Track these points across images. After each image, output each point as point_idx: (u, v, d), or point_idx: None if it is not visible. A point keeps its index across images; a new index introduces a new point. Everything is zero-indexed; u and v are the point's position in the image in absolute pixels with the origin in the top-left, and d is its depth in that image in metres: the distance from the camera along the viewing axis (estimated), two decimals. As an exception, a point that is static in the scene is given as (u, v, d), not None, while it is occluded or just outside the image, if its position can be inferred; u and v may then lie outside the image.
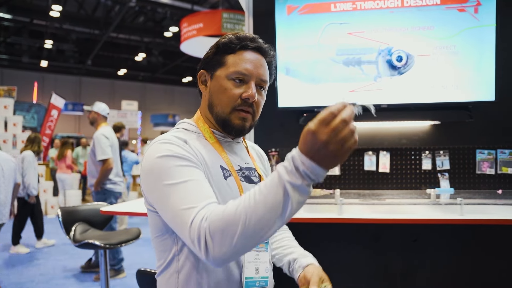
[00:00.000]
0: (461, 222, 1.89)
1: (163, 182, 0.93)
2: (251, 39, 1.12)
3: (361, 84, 2.55)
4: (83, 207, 3.05)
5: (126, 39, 16.07)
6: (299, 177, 0.77)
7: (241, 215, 0.79)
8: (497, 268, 2.16)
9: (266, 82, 1.13)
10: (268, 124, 2.81)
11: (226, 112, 1.09)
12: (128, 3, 11.68)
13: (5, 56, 17.30)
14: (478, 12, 2.38)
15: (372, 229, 2.17)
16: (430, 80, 2.47)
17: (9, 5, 12.42)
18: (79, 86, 21.16)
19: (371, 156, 2.74)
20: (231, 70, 1.08)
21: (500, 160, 2.61)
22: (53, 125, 10.42)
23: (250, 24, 2.86)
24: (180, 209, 0.88)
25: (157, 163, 0.96)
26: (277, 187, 0.78)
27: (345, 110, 0.77)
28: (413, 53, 2.47)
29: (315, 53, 2.57)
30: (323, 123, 0.75)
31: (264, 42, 1.15)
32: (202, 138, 1.12)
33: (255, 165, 1.22)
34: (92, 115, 4.25)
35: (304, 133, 0.77)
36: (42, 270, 4.49)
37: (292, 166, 0.78)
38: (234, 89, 1.08)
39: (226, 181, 1.07)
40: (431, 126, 2.70)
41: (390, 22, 2.50)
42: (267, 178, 0.82)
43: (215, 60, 1.12)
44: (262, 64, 1.12)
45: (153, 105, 22.79)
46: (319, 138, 0.75)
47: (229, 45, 1.10)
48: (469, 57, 2.42)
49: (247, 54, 1.10)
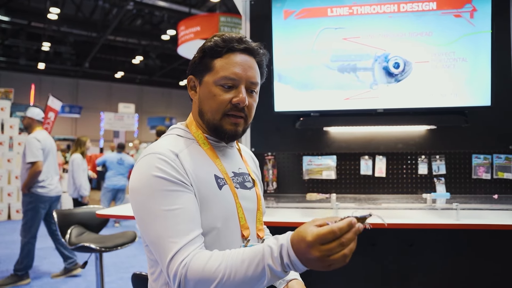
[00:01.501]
0: (457, 227, 1.89)
1: (151, 205, 0.93)
2: (238, 40, 1.06)
3: (356, 91, 2.53)
4: (79, 210, 3.04)
5: (124, 42, 16.08)
6: (280, 266, 0.80)
7: (219, 274, 0.83)
8: (493, 273, 2.16)
9: (256, 84, 1.09)
10: (264, 128, 2.81)
11: (217, 119, 1.06)
12: (125, 6, 11.68)
13: (2, 58, 17.25)
14: (473, 18, 2.39)
15: (368, 233, 2.16)
16: (428, 87, 2.46)
17: (7, 8, 12.39)
18: (76, 89, 21.10)
19: (367, 160, 2.74)
20: (219, 76, 1.04)
21: (496, 165, 2.62)
22: (50, 127, 10.37)
23: (247, 28, 2.87)
24: (163, 239, 0.90)
25: (147, 184, 0.95)
26: (258, 263, 0.82)
27: (348, 233, 0.75)
28: (410, 60, 2.46)
29: (309, 59, 2.56)
30: (321, 241, 0.75)
31: (252, 42, 1.10)
32: (196, 144, 1.10)
33: (248, 169, 1.21)
34: (27, 120, 4.22)
35: (299, 237, 0.78)
36: (38, 273, 4.45)
37: (278, 253, 0.81)
38: (224, 94, 1.04)
39: (221, 190, 1.04)
40: (427, 130, 2.70)
41: (387, 27, 2.49)
42: (256, 247, 0.85)
43: (203, 65, 1.08)
44: (251, 66, 1.07)
45: (150, 108, 22.75)
46: (311, 252, 0.75)
47: (215, 49, 1.06)
48: (466, 63, 2.43)
49: (234, 57, 1.05)
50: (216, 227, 1.01)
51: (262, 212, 1.19)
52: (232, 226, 1.06)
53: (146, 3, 12.14)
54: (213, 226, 1.00)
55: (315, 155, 2.79)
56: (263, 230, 1.18)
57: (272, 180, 2.79)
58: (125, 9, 11.95)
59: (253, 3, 2.87)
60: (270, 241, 0.83)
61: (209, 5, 12.51)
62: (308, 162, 2.78)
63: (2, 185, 7.77)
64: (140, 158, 1.01)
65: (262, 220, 1.18)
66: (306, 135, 2.82)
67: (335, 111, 2.58)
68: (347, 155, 2.79)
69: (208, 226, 0.99)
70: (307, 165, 2.78)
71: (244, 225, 1.09)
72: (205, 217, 0.99)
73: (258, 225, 1.16)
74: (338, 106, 2.56)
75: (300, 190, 2.82)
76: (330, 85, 2.55)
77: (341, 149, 2.79)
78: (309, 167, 2.77)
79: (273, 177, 2.79)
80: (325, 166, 2.75)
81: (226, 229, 1.04)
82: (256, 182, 1.21)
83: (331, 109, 2.58)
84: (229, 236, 1.04)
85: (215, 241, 1.01)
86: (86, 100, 20.73)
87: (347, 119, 2.62)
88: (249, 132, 2.82)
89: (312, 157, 2.78)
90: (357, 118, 2.61)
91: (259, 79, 1.11)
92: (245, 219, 1.09)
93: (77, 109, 18.09)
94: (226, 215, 1.04)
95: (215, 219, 1.01)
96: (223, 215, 1.03)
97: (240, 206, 1.08)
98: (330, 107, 2.57)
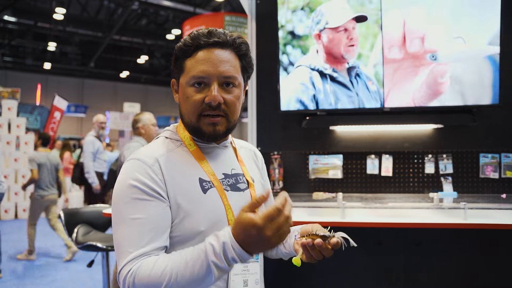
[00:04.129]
0: (464, 226, 1.88)
1: (120, 211, 0.96)
2: (205, 35, 1.01)
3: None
4: (86, 209, 3.06)
5: (129, 42, 16.13)
6: (224, 261, 0.84)
7: (165, 277, 0.85)
8: (501, 273, 2.14)
9: (233, 78, 1.02)
10: (270, 127, 2.81)
11: (193, 121, 1.02)
12: (130, 6, 11.71)
13: (9, 58, 17.38)
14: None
15: (374, 232, 2.16)
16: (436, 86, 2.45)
17: (13, 8, 12.48)
18: (81, 88, 21.22)
19: (373, 159, 2.73)
20: (189, 76, 1.01)
21: (504, 164, 2.60)
22: (56, 126, 10.45)
23: (253, 27, 2.86)
24: (121, 246, 0.93)
25: (122, 190, 0.97)
26: (202, 262, 0.84)
27: (287, 205, 0.85)
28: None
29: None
30: (270, 219, 0.81)
31: (227, 32, 1.03)
32: (183, 146, 1.07)
33: (243, 170, 1.15)
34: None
35: (247, 225, 0.82)
36: (44, 271, 4.49)
37: (220, 250, 0.84)
38: (196, 95, 1.00)
39: (206, 194, 1.01)
40: (434, 129, 2.69)
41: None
42: (199, 246, 0.87)
43: (177, 67, 1.06)
44: (222, 60, 1.00)
45: (155, 107, 22.77)
46: (264, 233, 0.81)
47: (184, 49, 1.02)
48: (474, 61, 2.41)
49: (202, 54, 1.00)
50: (200, 231, 0.98)
51: None
52: (220, 229, 1.01)
53: (151, 3, 12.16)
54: (197, 230, 0.98)
55: (321, 154, 2.79)
56: None
57: (278, 179, 2.78)
58: (130, 9, 11.99)
59: (259, 2, 2.86)
60: (210, 239, 0.86)
61: (214, 5, 12.51)
62: (314, 161, 2.77)
63: (9, 184, 7.83)
64: (126, 161, 1.02)
65: None
66: (312, 134, 2.81)
67: (342, 110, 2.58)
68: (353, 154, 2.78)
69: (192, 231, 0.98)
70: (313, 164, 2.77)
71: None
72: (188, 222, 0.98)
73: None
74: (344, 105, 2.55)
75: (306, 189, 2.81)
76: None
77: (348, 148, 2.78)
78: (315, 166, 2.77)
79: (279, 176, 2.79)
80: (331, 165, 2.75)
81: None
82: (252, 184, 1.14)
83: (337, 108, 2.57)
84: None
85: None
86: (91, 99, 20.82)
87: (353, 118, 2.61)
88: (255, 131, 2.82)
89: (319, 156, 2.78)
90: (364, 117, 2.60)
91: (237, 71, 1.04)
92: None
93: (83, 109, 18.19)
94: (213, 218, 1.00)
95: (198, 224, 0.98)
96: (209, 218, 1.00)
97: (229, 209, 1.04)
98: (336, 106, 2.57)
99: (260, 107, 2.82)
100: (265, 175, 1.30)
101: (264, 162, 1.31)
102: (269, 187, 1.31)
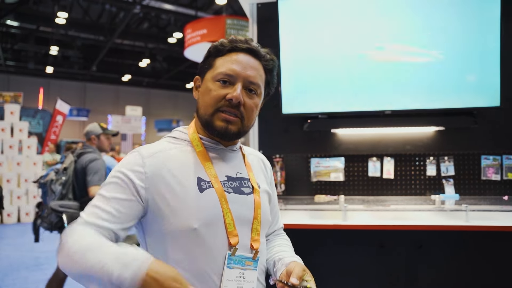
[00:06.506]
0: (466, 228, 1.88)
1: (102, 188, 1.02)
2: (242, 41, 1.07)
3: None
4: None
5: (131, 45, 16.18)
6: (109, 284, 0.84)
7: (78, 248, 0.88)
8: (503, 275, 2.14)
9: (256, 85, 1.07)
10: (272, 130, 2.82)
11: (208, 114, 1.05)
12: (132, 9, 11.77)
13: (11, 63, 17.45)
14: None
15: (376, 235, 2.16)
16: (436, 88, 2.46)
17: (16, 13, 12.55)
18: (84, 92, 21.28)
19: (375, 162, 2.74)
20: (217, 71, 1.05)
21: (506, 166, 2.60)
22: (58, 130, 10.50)
23: (254, 30, 2.88)
24: (89, 206, 0.99)
25: (112, 174, 1.03)
26: (102, 273, 0.84)
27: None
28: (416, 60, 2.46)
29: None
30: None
31: (260, 46, 1.10)
32: (188, 146, 1.09)
33: (249, 175, 1.15)
34: None
35: (172, 277, 0.84)
36: (48, 275, 4.49)
37: (116, 278, 0.83)
38: (219, 90, 1.04)
39: (202, 193, 1.02)
40: (435, 132, 2.69)
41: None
42: (119, 258, 0.86)
43: (207, 64, 1.10)
44: (252, 66, 1.06)
45: (157, 111, 22.87)
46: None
47: (219, 48, 1.07)
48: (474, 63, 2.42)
49: (235, 55, 1.06)
50: (193, 228, 0.98)
51: (260, 222, 1.10)
52: (217, 231, 1.01)
53: (152, 7, 12.22)
54: (189, 227, 0.98)
55: (323, 157, 2.79)
56: (258, 241, 1.08)
57: (280, 182, 2.79)
58: (132, 12, 12.04)
59: (260, 6, 2.88)
60: (121, 263, 0.85)
61: (215, 8, 12.55)
62: (316, 164, 2.78)
63: (12, 188, 7.85)
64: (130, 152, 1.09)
65: (259, 230, 1.09)
66: (314, 137, 2.82)
67: (343, 113, 2.59)
68: (355, 156, 2.79)
69: (183, 228, 0.99)
70: (315, 167, 2.78)
71: (233, 232, 1.03)
72: (176, 218, 0.99)
73: (253, 235, 1.07)
74: (346, 108, 2.56)
75: (308, 192, 2.82)
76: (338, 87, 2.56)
77: (349, 151, 2.79)
78: (317, 169, 2.77)
79: (281, 179, 2.80)
80: (333, 168, 2.75)
81: (208, 233, 1.00)
82: (257, 189, 1.14)
83: (338, 111, 2.58)
84: (212, 241, 1.00)
85: (195, 243, 0.99)
86: (93, 103, 20.89)
87: (355, 121, 2.62)
88: (257, 134, 2.83)
89: (320, 159, 2.78)
90: (365, 119, 2.60)
91: (262, 81, 1.10)
92: (234, 226, 1.03)
93: (85, 112, 18.25)
94: (206, 217, 1.00)
95: (188, 221, 0.99)
96: (202, 217, 1.00)
97: (228, 212, 1.03)
98: (338, 109, 2.58)
99: (262, 110, 2.82)
100: (273, 184, 1.29)
101: (272, 171, 1.31)
102: (275, 197, 1.30)
